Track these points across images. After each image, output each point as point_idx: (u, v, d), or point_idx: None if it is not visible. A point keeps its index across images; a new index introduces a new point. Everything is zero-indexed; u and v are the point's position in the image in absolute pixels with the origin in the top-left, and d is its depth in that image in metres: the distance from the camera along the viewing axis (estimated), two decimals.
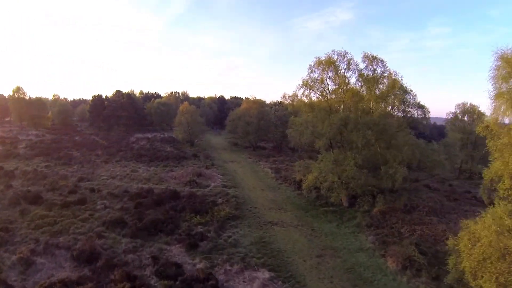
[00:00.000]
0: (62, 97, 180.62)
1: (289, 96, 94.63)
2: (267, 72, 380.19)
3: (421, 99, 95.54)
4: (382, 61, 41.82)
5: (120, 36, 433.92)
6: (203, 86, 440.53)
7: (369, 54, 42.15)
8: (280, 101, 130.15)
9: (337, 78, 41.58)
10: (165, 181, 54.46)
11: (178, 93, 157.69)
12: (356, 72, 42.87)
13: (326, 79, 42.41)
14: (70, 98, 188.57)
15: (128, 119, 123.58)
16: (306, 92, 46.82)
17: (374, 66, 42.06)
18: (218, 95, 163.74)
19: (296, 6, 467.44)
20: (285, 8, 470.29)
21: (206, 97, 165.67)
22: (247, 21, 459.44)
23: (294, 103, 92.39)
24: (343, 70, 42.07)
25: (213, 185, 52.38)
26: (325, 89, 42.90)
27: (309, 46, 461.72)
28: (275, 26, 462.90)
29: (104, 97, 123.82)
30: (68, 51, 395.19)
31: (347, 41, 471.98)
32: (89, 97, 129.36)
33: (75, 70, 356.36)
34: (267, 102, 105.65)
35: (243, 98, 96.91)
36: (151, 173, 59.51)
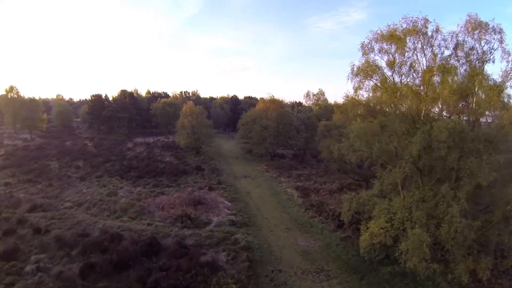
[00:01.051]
0: (67, 97, 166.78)
1: (313, 95, 77.72)
2: (280, 72, 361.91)
3: None
4: (499, 31, 23.51)
5: (132, 38, 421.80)
6: (216, 87, 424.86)
7: (475, 18, 23.94)
8: (299, 102, 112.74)
9: (425, 58, 23.45)
10: (148, 214, 37.71)
11: (188, 93, 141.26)
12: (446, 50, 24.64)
13: (405, 60, 24.27)
14: (77, 99, 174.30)
15: (131, 121, 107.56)
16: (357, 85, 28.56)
17: (482, 36, 23.77)
18: (231, 94, 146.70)
19: (309, 6, 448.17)
20: (298, 8, 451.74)
21: (218, 97, 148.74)
22: (260, 21, 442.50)
23: (320, 102, 75.42)
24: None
25: (215, 222, 35.21)
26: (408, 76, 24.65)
27: (322, 47, 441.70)
28: (288, 27, 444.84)
29: (104, 96, 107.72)
30: (78, 51, 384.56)
31: (361, 41, 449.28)
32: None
33: (85, 70, 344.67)
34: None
35: (258, 99, 79.13)
36: (133, 198, 43.00)
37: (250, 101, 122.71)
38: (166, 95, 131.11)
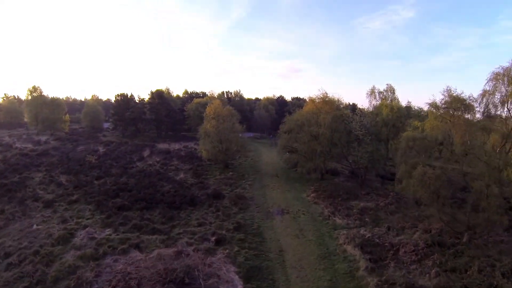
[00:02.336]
0: (105, 98, 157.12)
1: (379, 93, 55.36)
2: (329, 74, 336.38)
3: None
4: None
5: (180, 41, 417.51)
6: (263, 89, 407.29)
7: None
8: (353, 103, 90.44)
9: None
10: None
11: (230, 93, 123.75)
12: None
13: None
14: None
15: (160, 124, 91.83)
16: None
17: None
18: (277, 95, 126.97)
19: (357, 6, 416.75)
20: (346, 8, 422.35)
21: (262, 98, 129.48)
22: (307, 23, 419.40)
23: (392, 103, 52.34)
24: None
25: None
26: None
27: (371, 47, 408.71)
28: (336, 28, 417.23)
29: (129, 96, 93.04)
30: (127, 52, 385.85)
31: (410, 40, 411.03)
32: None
33: (137, 72, 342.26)
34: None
35: (307, 99, 58.43)
36: (84, 255, 25.06)
37: (298, 103, 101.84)
38: (204, 95, 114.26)
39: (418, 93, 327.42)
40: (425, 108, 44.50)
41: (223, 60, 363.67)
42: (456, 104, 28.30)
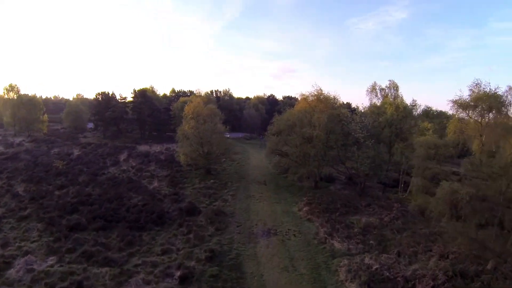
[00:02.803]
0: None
1: (381, 90, 47.59)
2: (323, 75, 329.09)
3: None
4: None
5: (175, 42, 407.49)
6: (256, 89, 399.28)
7: None
8: (347, 103, 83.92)
9: None
10: None
11: (219, 91, 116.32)
12: None
13: None
14: None
15: (143, 123, 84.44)
16: None
17: None
18: (267, 94, 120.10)
19: (350, 7, 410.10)
20: (339, 9, 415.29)
21: (252, 97, 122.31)
22: (301, 23, 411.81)
23: (396, 101, 43.46)
24: None
25: None
26: None
27: (365, 48, 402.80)
28: (330, 28, 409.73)
29: (110, 94, 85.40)
30: (118, 52, 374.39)
31: (403, 41, 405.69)
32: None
33: (126, 71, 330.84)
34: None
35: (298, 98, 50.18)
36: None
37: (290, 102, 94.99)
38: (192, 94, 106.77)
39: (413, 93, 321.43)
40: (435, 107, 38.48)
41: (217, 60, 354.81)
42: (488, 101, 21.50)
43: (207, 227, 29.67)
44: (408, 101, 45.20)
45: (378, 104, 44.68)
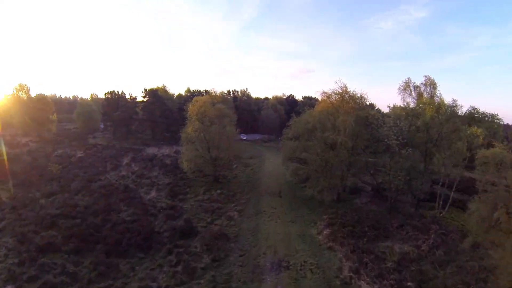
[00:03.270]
0: None
1: (415, 87, 38.22)
2: (341, 75, 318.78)
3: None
4: None
5: (191, 41, 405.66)
6: (273, 90, 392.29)
7: None
8: (371, 104, 76.73)
9: None
10: None
11: (237, 91, 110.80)
12: None
13: None
14: None
15: (154, 124, 79.69)
16: None
17: None
18: (286, 94, 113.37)
19: (368, 6, 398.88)
20: (357, 8, 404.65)
21: (271, 97, 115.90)
22: (319, 23, 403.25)
23: (435, 102, 33.85)
24: None
25: None
26: None
27: (383, 48, 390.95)
28: (348, 28, 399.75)
29: (120, 94, 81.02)
30: (135, 54, 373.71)
31: (423, 40, 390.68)
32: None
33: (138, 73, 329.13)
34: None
35: (319, 98, 43.25)
36: None
37: (310, 102, 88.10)
38: (207, 93, 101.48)
39: None
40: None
41: (232, 60, 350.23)
42: None
43: (202, 255, 23.65)
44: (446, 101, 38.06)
45: (413, 104, 37.57)
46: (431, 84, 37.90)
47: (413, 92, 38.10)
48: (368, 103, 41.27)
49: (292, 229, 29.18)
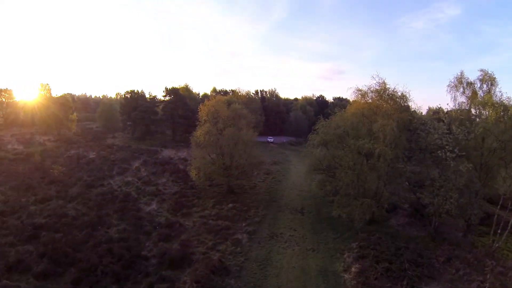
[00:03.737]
0: None
1: (468, 84, 30.10)
2: (372, 76, 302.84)
3: None
4: None
5: (219, 43, 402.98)
6: (304, 91, 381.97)
7: None
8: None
9: None
10: None
11: (265, 91, 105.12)
12: None
13: None
14: None
15: (174, 125, 75.78)
16: None
17: None
18: (316, 95, 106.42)
19: (400, 5, 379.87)
20: (388, 8, 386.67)
21: (300, 98, 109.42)
22: (350, 24, 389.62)
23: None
24: None
25: None
26: None
27: (415, 48, 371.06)
28: (379, 28, 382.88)
29: (139, 92, 77.73)
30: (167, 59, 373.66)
31: (456, 40, 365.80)
32: None
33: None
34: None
35: (351, 98, 36.98)
36: None
37: (341, 103, 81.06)
38: (234, 93, 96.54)
39: None
40: None
41: (261, 61, 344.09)
42: None
43: None
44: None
45: (466, 105, 30.35)
46: (489, 80, 30.50)
47: (466, 90, 30.89)
48: (410, 103, 34.22)
49: (312, 262, 23.17)
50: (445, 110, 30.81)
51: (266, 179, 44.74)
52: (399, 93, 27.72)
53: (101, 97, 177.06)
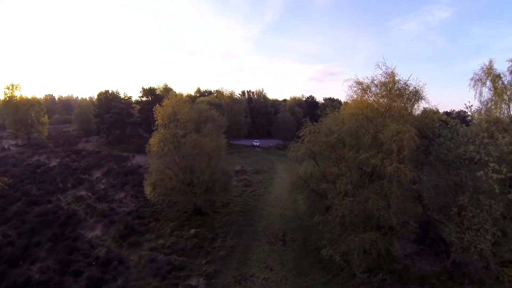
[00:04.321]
0: None
1: (495, 78, 22.84)
2: (364, 78, 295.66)
3: None
4: None
5: (210, 45, 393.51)
6: (295, 93, 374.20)
7: None
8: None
9: None
10: None
11: (252, 92, 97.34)
12: None
13: None
14: None
15: (150, 127, 67.31)
16: None
17: None
18: (306, 95, 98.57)
19: (391, 7, 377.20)
20: (380, 9, 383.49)
21: (288, 99, 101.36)
22: (342, 25, 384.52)
23: None
24: None
25: None
26: None
27: (407, 49, 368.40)
28: (371, 30, 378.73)
29: (113, 93, 69.30)
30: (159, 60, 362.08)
31: (448, 42, 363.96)
32: None
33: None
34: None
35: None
36: None
37: (332, 104, 73.67)
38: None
39: (457, 98, 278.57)
40: None
41: (250, 62, 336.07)
42: None
43: None
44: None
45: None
46: None
47: (499, 84, 23.29)
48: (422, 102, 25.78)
49: None
50: (470, 109, 22.93)
51: (244, 193, 36.45)
52: (412, 87, 19.89)
53: (87, 99, 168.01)
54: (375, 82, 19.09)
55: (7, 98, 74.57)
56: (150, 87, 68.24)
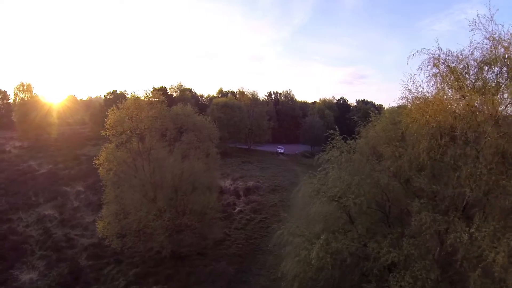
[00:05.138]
0: None
1: None
2: (396, 81, 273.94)
3: None
4: None
5: (237, 48, 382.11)
6: (323, 95, 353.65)
7: None
8: None
9: None
10: None
11: (278, 93, 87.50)
12: None
13: None
14: None
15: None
16: None
17: None
18: (337, 97, 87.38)
19: (421, 7, 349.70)
20: (410, 10, 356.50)
21: (318, 101, 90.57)
22: (371, 27, 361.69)
23: None
24: None
25: None
26: None
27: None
28: (401, 31, 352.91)
29: (123, 93, 63.01)
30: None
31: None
32: None
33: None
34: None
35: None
36: None
37: (366, 108, 62.71)
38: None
39: None
40: None
41: (283, 66, 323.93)
42: None
43: None
44: None
45: None
46: None
47: None
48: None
49: None
50: None
51: (249, 223, 26.84)
52: None
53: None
54: (475, 57, 9.21)
55: (17, 99, 70.89)
56: (161, 87, 60.99)
